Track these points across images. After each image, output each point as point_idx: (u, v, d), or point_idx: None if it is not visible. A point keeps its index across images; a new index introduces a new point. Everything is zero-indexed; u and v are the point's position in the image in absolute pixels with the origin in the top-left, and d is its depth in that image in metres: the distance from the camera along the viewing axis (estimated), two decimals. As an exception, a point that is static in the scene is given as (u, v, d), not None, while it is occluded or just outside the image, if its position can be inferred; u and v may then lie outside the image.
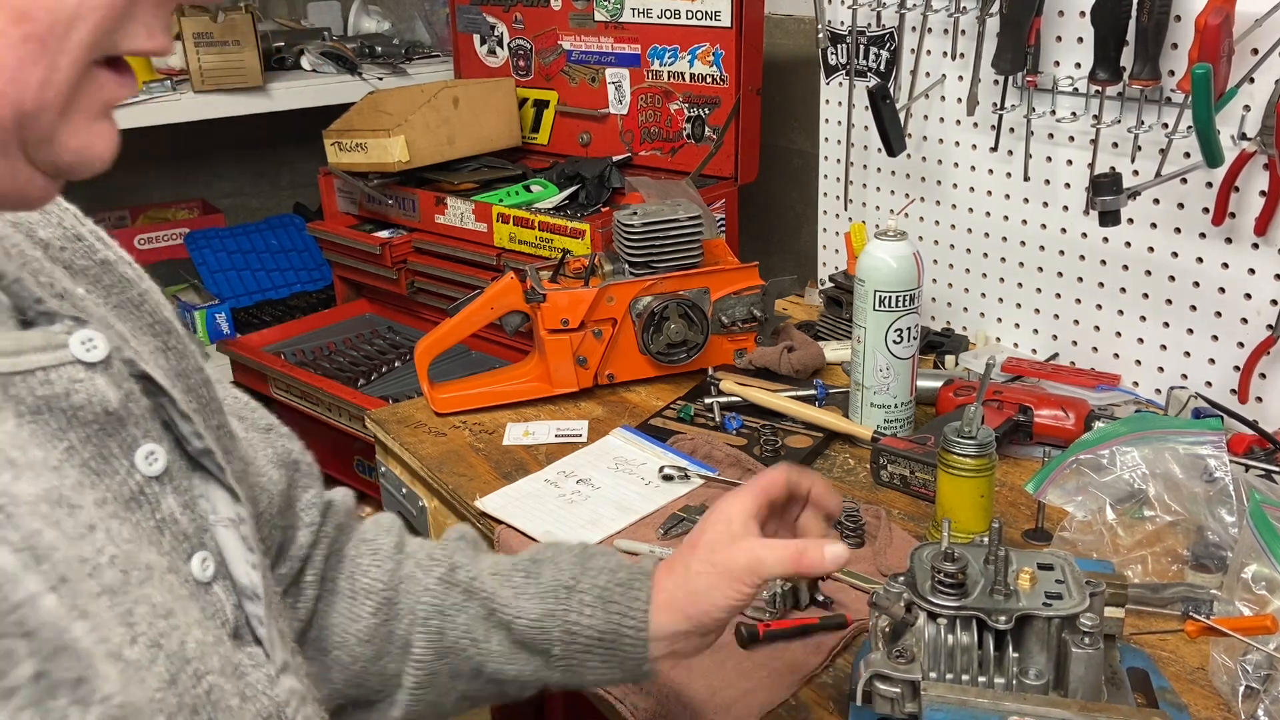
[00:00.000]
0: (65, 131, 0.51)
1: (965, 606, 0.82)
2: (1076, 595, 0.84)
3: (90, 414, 0.56)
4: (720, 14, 2.01)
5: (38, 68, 0.48)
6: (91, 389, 0.56)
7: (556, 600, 0.86)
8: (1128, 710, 0.80)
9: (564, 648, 0.85)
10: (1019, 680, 0.82)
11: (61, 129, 0.51)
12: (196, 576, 0.60)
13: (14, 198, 0.53)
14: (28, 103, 0.49)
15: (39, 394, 0.54)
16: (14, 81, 0.48)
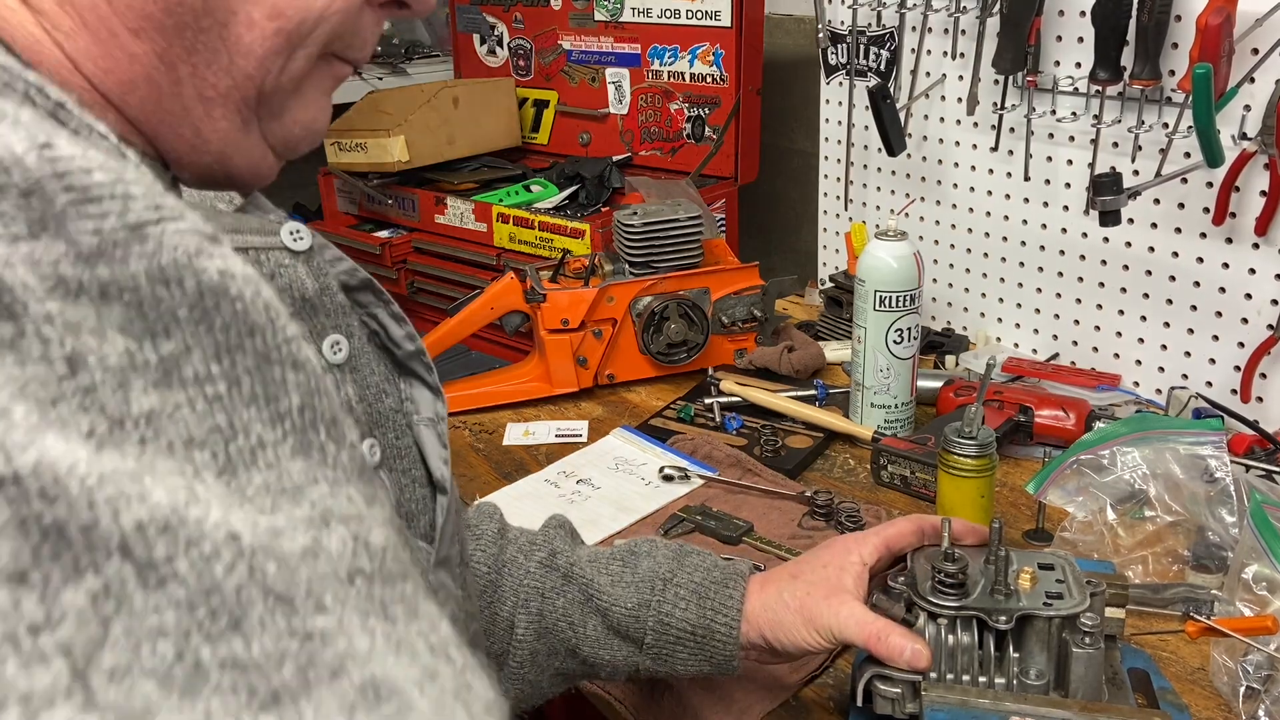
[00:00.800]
0: (296, 107, 0.59)
1: (966, 607, 0.82)
2: (1077, 595, 0.84)
3: (289, 298, 0.61)
4: (720, 14, 2.01)
5: (280, 57, 0.55)
6: (294, 275, 0.62)
7: (652, 591, 0.89)
8: (1129, 710, 0.80)
9: (656, 637, 0.88)
10: (1019, 680, 0.82)
11: (292, 105, 0.58)
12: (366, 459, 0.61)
13: (249, 175, 0.59)
14: (269, 84, 0.56)
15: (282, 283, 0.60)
16: (260, 66, 0.55)
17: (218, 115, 0.55)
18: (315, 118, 0.60)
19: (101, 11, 0.50)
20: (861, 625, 0.82)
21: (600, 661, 0.91)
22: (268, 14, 0.54)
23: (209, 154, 0.56)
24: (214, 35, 0.53)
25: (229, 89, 0.55)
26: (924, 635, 0.83)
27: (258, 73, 0.55)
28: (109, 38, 0.51)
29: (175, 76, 0.53)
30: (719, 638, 0.88)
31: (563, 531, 0.97)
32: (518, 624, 0.91)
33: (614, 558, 0.93)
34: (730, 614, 0.88)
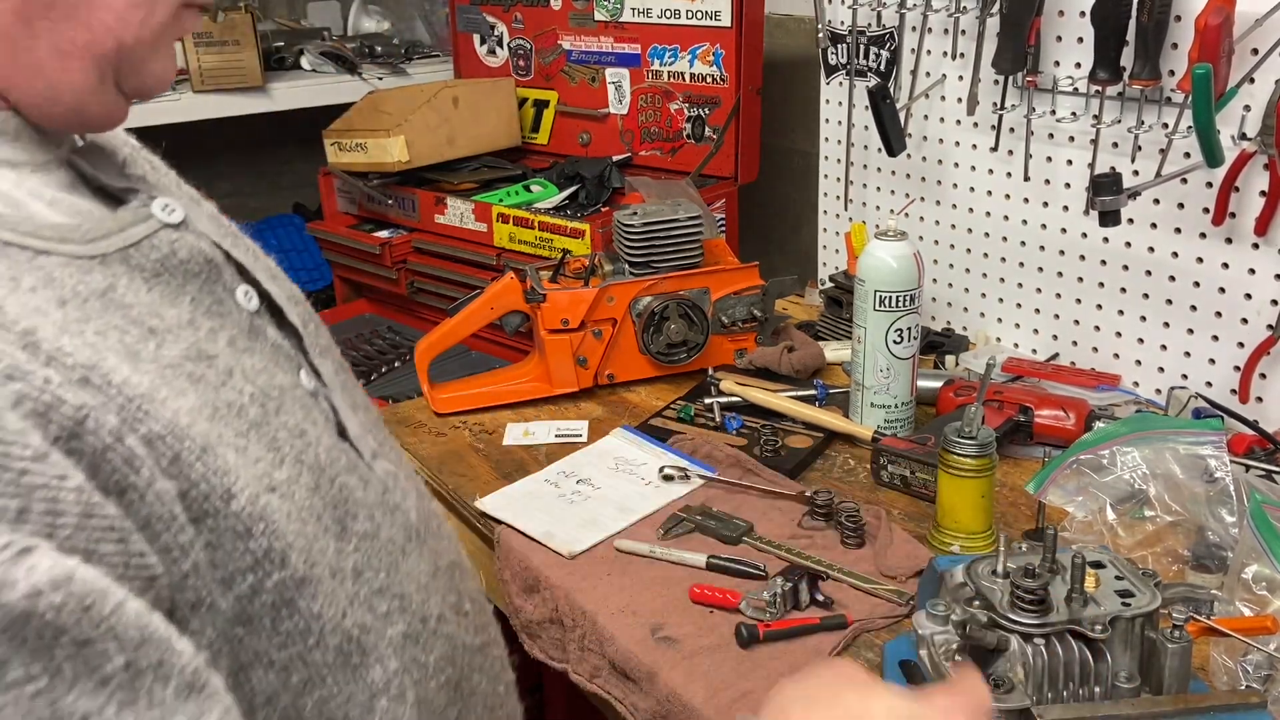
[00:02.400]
0: (154, 60, 0.62)
1: (1058, 622, 0.81)
2: (1145, 591, 0.84)
3: (196, 265, 0.63)
4: (720, 14, 2.01)
5: (140, 10, 0.59)
6: (189, 244, 0.64)
7: None
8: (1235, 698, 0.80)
9: None
10: (1113, 685, 0.82)
11: (151, 59, 0.62)
12: (306, 388, 0.68)
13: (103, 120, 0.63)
14: (128, 39, 0.59)
15: (152, 258, 0.61)
16: (120, 20, 0.58)
17: (74, 69, 0.58)
18: (167, 68, 0.64)
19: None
20: None
21: None
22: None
23: (62, 105, 0.60)
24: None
25: (87, 43, 0.58)
26: (1023, 658, 0.81)
27: (117, 25, 0.58)
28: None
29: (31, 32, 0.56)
30: None
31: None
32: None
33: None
34: None
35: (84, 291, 0.56)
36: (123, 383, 0.53)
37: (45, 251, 0.56)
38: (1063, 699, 0.82)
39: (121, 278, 0.58)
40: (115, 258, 0.59)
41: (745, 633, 1.04)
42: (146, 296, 0.59)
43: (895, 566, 1.14)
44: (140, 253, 0.60)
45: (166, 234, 0.63)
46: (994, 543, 1.15)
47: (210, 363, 0.60)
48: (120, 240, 0.60)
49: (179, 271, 0.62)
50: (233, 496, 0.55)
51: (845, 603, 1.09)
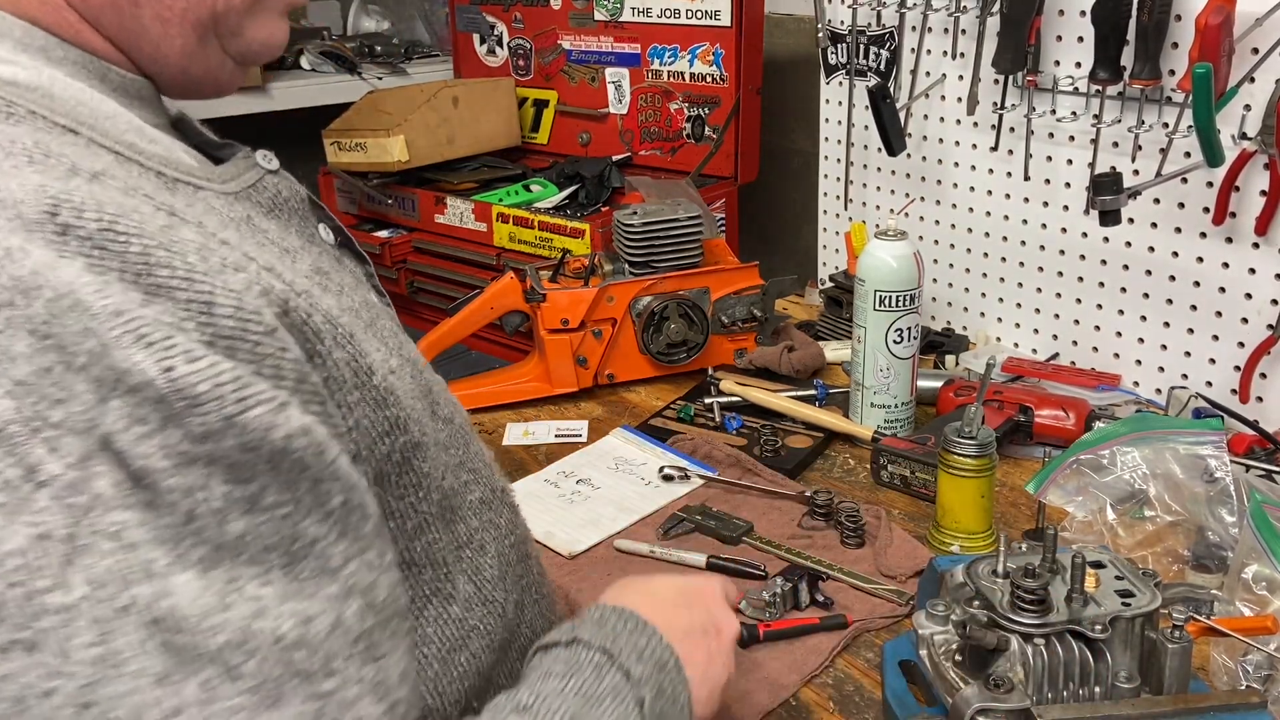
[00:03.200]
0: (252, 26, 0.70)
1: (1058, 622, 0.81)
2: (1146, 591, 0.84)
3: (295, 203, 0.73)
4: (720, 13, 2.01)
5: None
6: (288, 186, 0.74)
7: None
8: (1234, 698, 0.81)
9: None
10: (1113, 686, 0.82)
11: (248, 24, 0.70)
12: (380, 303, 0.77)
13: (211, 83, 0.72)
14: (219, 4, 0.67)
15: (267, 196, 0.71)
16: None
17: (174, 34, 0.67)
18: (272, 34, 0.72)
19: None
20: None
21: None
22: None
23: (171, 66, 0.69)
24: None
25: (184, 10, 0.66)
26: (1022, 658, 0.81)
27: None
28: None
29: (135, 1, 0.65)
30: None
31: None
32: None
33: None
34: None
35: (235, 218, 0.65)
36: (292, 280, 0.62)
37: (200, 187, 0.65)
38: (1063, 699, 0.81)
39: (251, 210, 0.68)
40: (243, 195, 0.69)
41: (745, 633, 1.04)
42: (272, 225, 0.69)
43: (895, 566, 1.14)
44: (258, 192, 0.70)
45: (271, 179, 0.72)
46: (994, 543, 1.15)
47: (327, 276, 0.69)
48: (243, 182, 0.69)
49: (284, 208, 0.72)
50: (373, 372, 0.65)
51: (845, 603, 1.09)
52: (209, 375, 0.52)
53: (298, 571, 0.54)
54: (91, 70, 0.66)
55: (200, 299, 0.54)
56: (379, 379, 0.66)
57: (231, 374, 0.53)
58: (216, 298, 0.54)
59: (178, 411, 0.51)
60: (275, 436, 0.53)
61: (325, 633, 0.54)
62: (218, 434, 0.52)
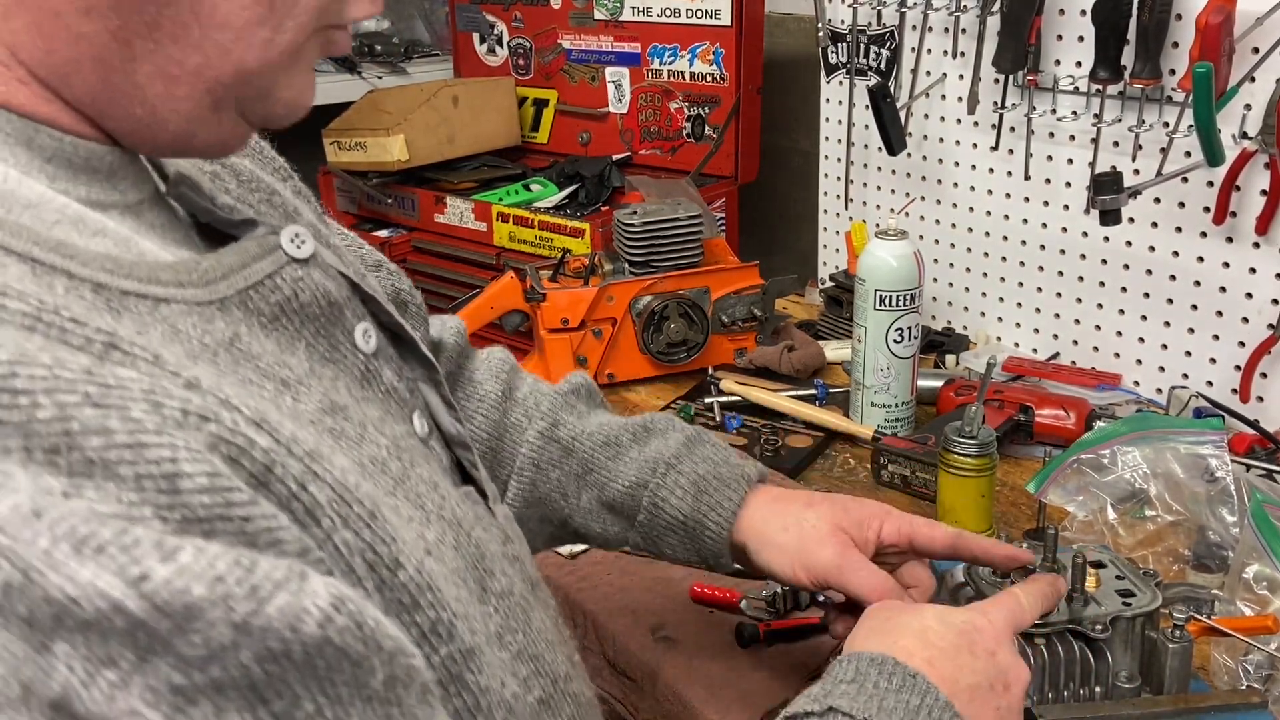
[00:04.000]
0: (284, 84, 0.53)
1: (1058, 622, 0.81)
2: (1146, 590, 0.84)
3: (317, 308, 0.56)
4: (720, 13, 2.01)
5: (264, 29, 0.49)
6: (313, 283, 0.56)
7: (653, 473, 0.87)
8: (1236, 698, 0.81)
9: (648, 518, 0.87)
10: (1114, 685, 0.82)
11: (280, 83, 0.52)
12: (420, 434, 0.62)
13: (215, 147, 0.54)
14: (250, 62, 0.50)
15: (272, 300, 0.53)
16: (239, 41, 0.49)
17: (181, 95, 0.49)
18: (302, 92, 0.54)
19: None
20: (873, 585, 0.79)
21: (592, 533, 0.91)
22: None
23: (166, 133, 0.51)
24: (184, 7, 0.47)
25: (199, 66, 0.49)
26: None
27: (235, 47, 0.49)
28: (52, 18, 0.46)
29: (129, 54, 0.47)
30: (709, 534, 0.85)
31: (576, 398, 0.94)
32: (510, 489, 0.91)
33: (625, 430, 0.91)
34: (724, 514, 0.85)
35: (211, 344, 0.49)
36: (291, 436, 0.46)
37: (165, 299, 0.48)
38: (1063, 699, 0.81)
39: (241, 324, 0.51)
40: (234, 300, 0.51)
41: (745, 633, 1.04)
42: (269, 345, 0.52)
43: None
44: (260, 294, 0.53)
45: (291, 271, 0.55)
46: (994, 542, 1.14)
47: (344, 414, 0.54)
48: (241, 280, 0.52)
49: (296, 315, 0.55)
50: (400, 565, 0.49)
51: (845, 603, 1.09)
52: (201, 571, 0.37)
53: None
54: (11, 134, 0.48)
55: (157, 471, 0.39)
56: (410, 573, 0.49)
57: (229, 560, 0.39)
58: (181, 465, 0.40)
59: (163, 636, 0.36)
60: (308, 628, 0.40)
61: None
62: (228, 650, 0.38)
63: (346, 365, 0.57)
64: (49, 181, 0.48)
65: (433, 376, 0.67)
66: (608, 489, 0.88)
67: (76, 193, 0.50)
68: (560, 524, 0.92)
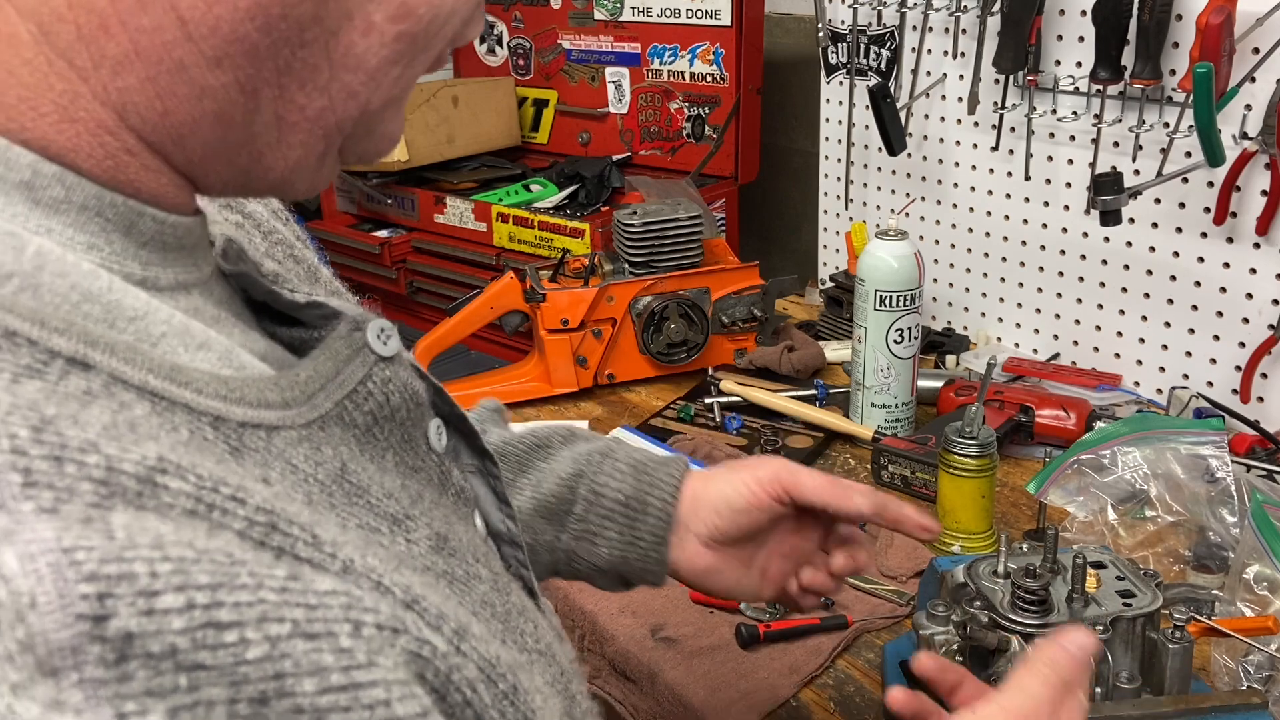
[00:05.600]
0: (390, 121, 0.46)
1: (1059, 622, 0.81)
2: (1146, 591, 0.84)
3: (404, 412, 0.48)
4: (720, 13, 2.01)
5: (397, 66, 0.43)
6: (403, 385, 0.48)
7: (589, 463, 0.82)
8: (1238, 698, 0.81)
9: (585, 508, 0.80)
10: (1114, 686, 0.82)
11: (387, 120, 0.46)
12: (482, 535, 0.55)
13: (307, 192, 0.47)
14: (376, 105, 0.44)
15: (365, 409, 0.46)
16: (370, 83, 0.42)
17: (294, 142, 0.43)
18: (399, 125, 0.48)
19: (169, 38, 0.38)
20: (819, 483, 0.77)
21: None
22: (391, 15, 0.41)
23: (264, 183, 0.44)
24: (317, 49, 0.40)
25: (320, 111, 0.42)
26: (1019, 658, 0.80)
27: (364, 89, 0.42)
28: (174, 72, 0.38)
29: (254, 105, 0.40)
30: (652, 511, 0.79)
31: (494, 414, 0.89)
32: None
33: (553, 433, 0.86)
34: (667, 488, 0.80)
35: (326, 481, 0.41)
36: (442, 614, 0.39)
37: (275, 427, 0.41)
38: None
39: (342, 446, 0.44)
40: (332, 415, 0.44)
41: (745, 633, 1.04)
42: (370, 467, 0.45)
43: (896, 567, 1.13)
44: (354, 403, 0.45)
45: (380, 372, 0.47)
46: (995, 543, 1.14)
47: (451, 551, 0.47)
48: (337, 390, 0.45)
49: (387, 423, 0.47)
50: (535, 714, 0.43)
51: (846, 603, 1.09)
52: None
53: None
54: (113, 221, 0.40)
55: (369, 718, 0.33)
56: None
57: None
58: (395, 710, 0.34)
59: None
60: None
61: None
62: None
63: (427, 473, 0.49)
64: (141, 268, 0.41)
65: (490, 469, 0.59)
66: (542, 486, 0.81)
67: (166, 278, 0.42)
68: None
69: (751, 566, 0.83)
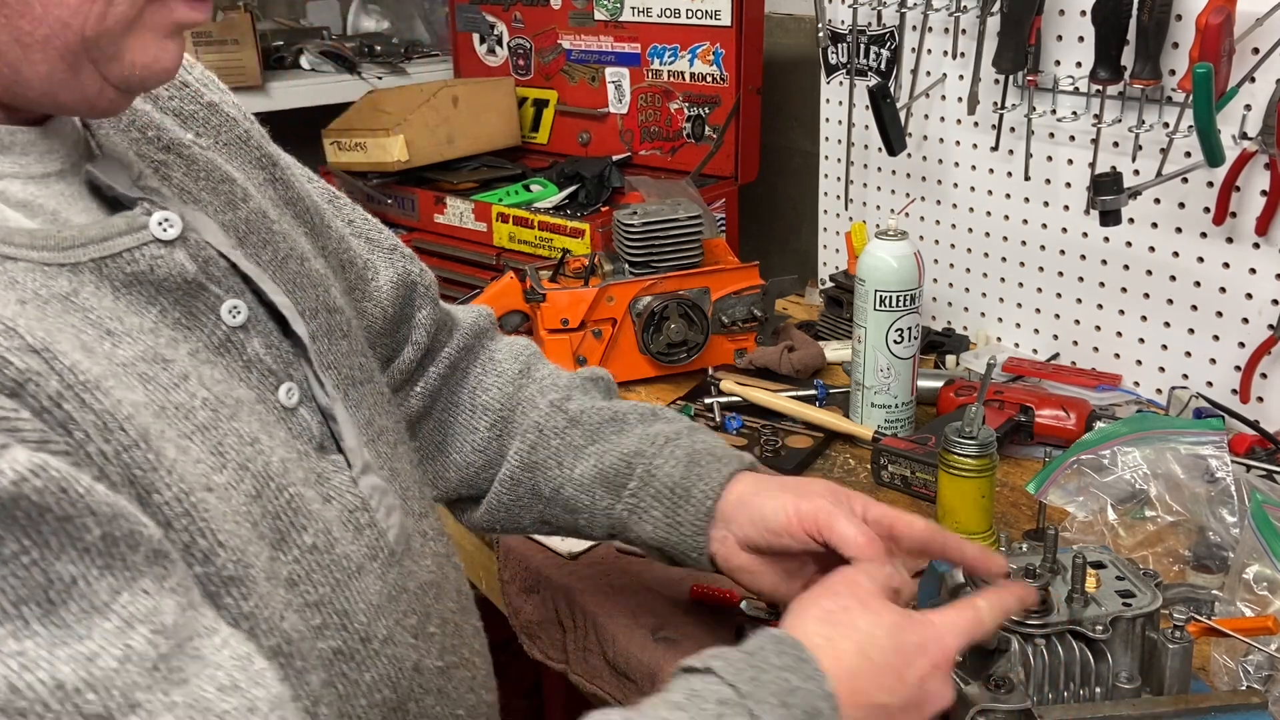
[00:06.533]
0: (132, 49, 0.60)
1: (1059, 622, 0.81)
2: (1146, 591, 0.84)
3: (172, 283, 0.65)
4: (720, 13, 2.01)
5: (95, 4, 0.58)
6: (171, 263, 0.65)
7: (652, 444, 0.91)
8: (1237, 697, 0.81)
9: (639, 485, 0.89)
10: (1114, 686, 0.82)
11: (128, 47, 0.60)
12: (284, 404, 0.71)
13: (84, 107, 0.62)
14: (89, 29, 0.58)
15: (127, 271, 0.63)
16: (75, 14, 0.57)
17: (37, 60, 0.58)
18: (156, 59, 0.62)
19: None
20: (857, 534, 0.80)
21: (580, 506, 0.92)
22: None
23: (33, 90, 0.60)
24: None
25: (46, 36, 0.58)
26: (1023, 659, 0.81)
27: (74, 20, 0.58)
28: None
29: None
30: (693, 501, 0.87)
31: (592, 384, 1.00)
32: (510, 451, 0.95)
33: (634, 411, 0.95)
34: (710, 485, 0.87)
35: (45, 294, 0.58)
36: (72, 365, 0.55)
37: (11, 257, 0.58)
38: (1063, 699, 0.81)
39: (88, 285, 0.61)
40: (87, 266, 0.61)
41: (745, 633, 1.03)
42: (110, 303, 0.61)
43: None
44: (115, 264, 0.62)
45: (151, 249, 0.64)
46: (995, 543, 1.14)
47: (165, 366, 0.62)
48: (97, 250, 0.62)
49: (150, 285, 0.64)
50: (156, 490, 0.57)
51: (845, 603, 1.09)
52: None
53: (61, 616, 0.49)
54: None
55: None
56: (168, 496, 0.57)
57: None
58: None
59: None
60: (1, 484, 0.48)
61: (116, 667, 0.49)
62: None
63: (204, 334, 0.67)
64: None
65: (307, 354, 0.74)
66: (606, 457, 0.91)
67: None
68: (550, 496, 0.94)
69: (795, 577, 0.87)
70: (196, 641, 0.53)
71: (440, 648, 0.76)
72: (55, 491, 0.50)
